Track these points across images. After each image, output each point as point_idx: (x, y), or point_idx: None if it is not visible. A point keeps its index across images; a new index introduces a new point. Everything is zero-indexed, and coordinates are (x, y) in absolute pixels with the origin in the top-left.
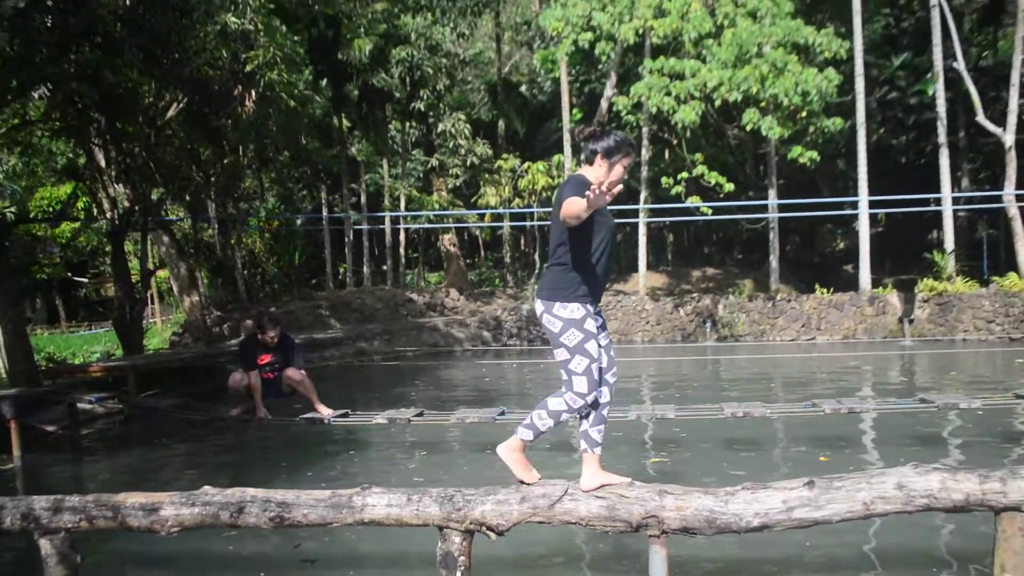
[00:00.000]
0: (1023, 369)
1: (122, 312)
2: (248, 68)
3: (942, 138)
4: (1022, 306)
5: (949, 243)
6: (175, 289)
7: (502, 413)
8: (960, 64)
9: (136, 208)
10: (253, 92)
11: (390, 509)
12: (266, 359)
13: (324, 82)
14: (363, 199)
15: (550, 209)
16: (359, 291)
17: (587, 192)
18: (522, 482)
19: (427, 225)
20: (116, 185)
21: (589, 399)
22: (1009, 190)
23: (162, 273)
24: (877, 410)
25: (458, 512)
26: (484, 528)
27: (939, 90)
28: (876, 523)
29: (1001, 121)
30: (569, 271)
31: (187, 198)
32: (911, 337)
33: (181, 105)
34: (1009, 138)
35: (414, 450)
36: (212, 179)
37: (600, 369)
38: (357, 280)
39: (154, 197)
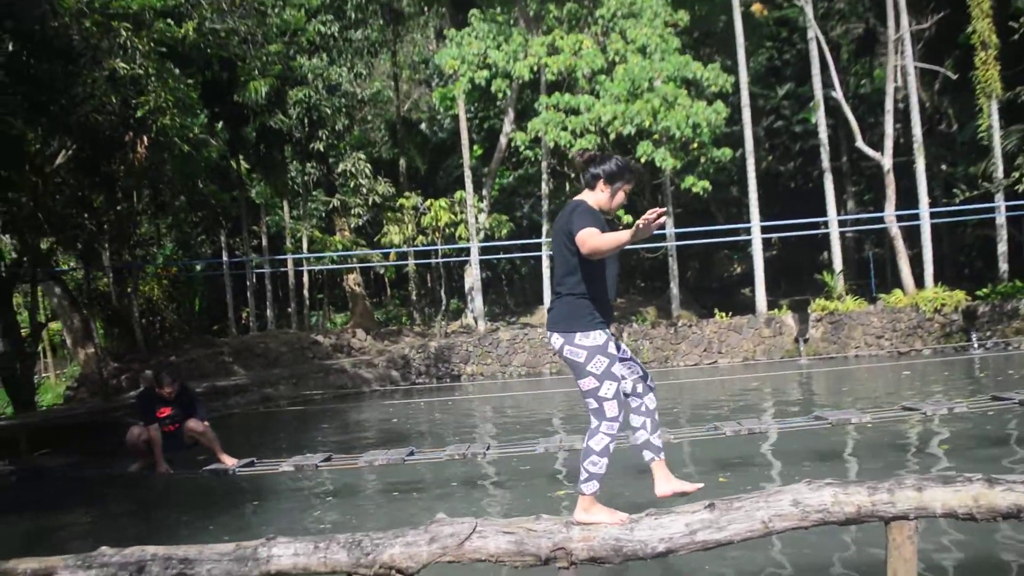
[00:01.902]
0: (910, 381)
1: (11, 368)
2: (139, 113)
3: (826, 163)
4: (908, 321)
5: (837, 263)
6: (68, 341)
7: (411, 453)
8: (838, 93)
9: (24, 259)
10: (145, 137)
11: (297, 559)
12: (166, 412)
13: (220, 125)
14: (264, 241)
15: (454, 246)
16: (263, 335)
17: (639, 223)
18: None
19: (331, 266)
20: (2, 236)
21: (621, 419)
22: (890, 211)
23: (54, 325)
24: (775, 429)
25: (367, 557)
26: (393, 572)
27: (820, 118)
28: (781, 540)
29: (880, 146)
30: (583, 299)
31: (79, 247)
32: (807, 356)
33: (70, 152)
34: (887, 162)
35: (323, 496)
36: (105, 226)
37: (640, 379)
38: (261, 324)
39: (44, 247)
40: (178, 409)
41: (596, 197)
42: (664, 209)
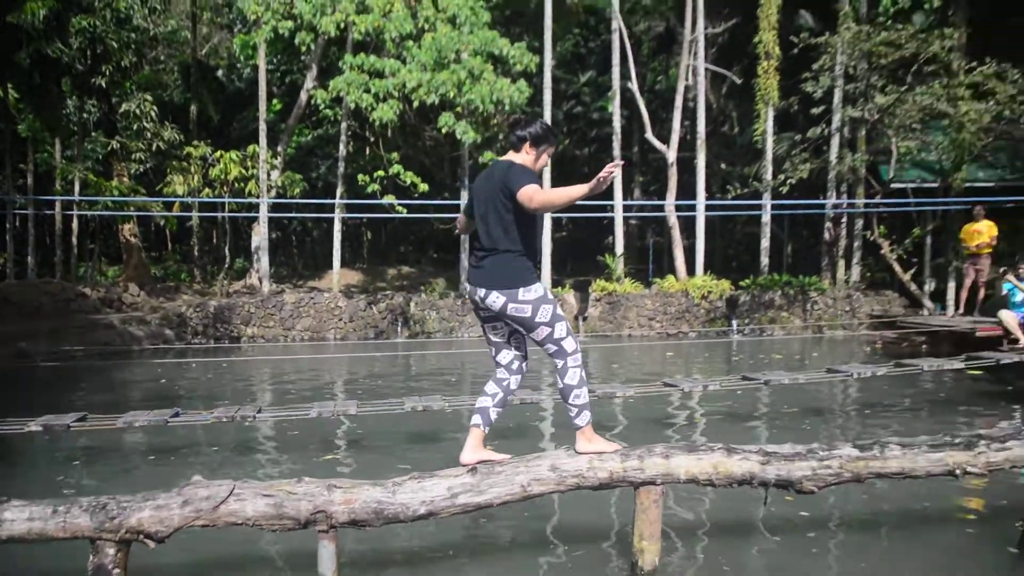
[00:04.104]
0: (674, 361)
1: None
2: None
3: (617, 151)
4: (678, 305)
5: (620, 247)
6: None
7: (176, 415)
8: (635, 85)
9: None
10: None
11: (32, 523)
12: None
13: None
14: (30, 181)
15: (242, 200)
16: (21, 284)
17: (598, 176)
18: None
19: (105, 212)
20: None
21: (579, 347)
22: (670, 201)
23: None
24: (551, 399)
25: (112, 521)
26: (142, 537)
27: (616, 108)
28: (543, 504)
29: (667, 140)
30: (519, 256)
31: None
32: (585, 333)
33: None
34: (672, 155)
35: (76, 460)
36: None
37: (521, 358)
38: (20, 272)
39: None
40: None
41: (522, 159)
42: (622, 162)
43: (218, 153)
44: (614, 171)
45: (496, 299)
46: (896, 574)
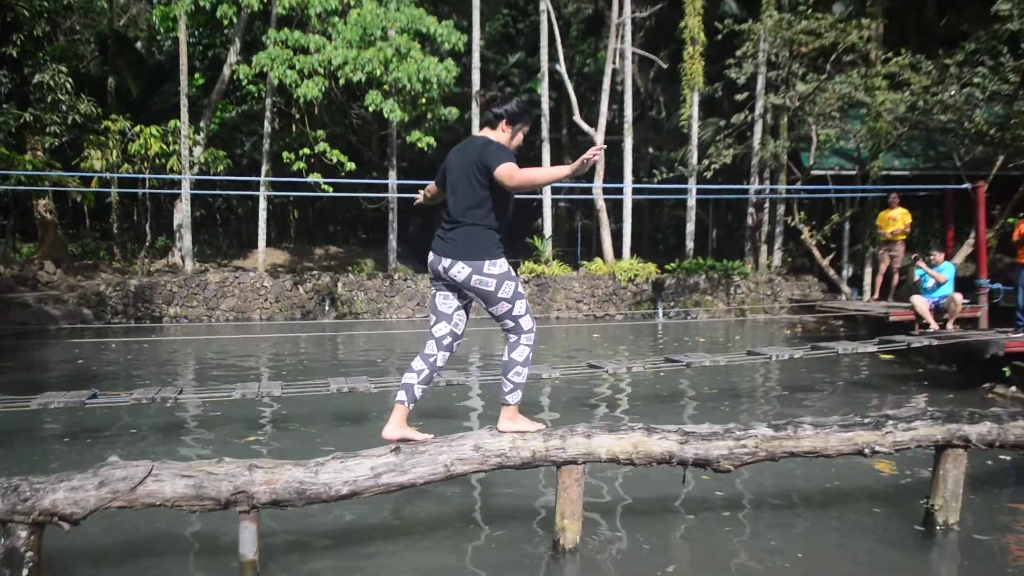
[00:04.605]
0: (600, 343)
1: None
2: None
3: (545, 134)
4: (605, 288)
5: (548, 230)
6: None
7: (94, 396)
8: (562, 68)
9: None
10: None
11: None
12: None
13: None
14: None
15: (163, 176)
16: None
17: (581, 159)
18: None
19: (18, 187)
20: None
21: (535, 328)
22: (598, 184)
23: None
24: (476, 381)
25: (24, 503)
26: (56, 519)
27: (544, 90)
28: (468, 482)
29: (595, 122)
30: (487, 230)
31: None
32: None
33: None
34: (599, 138)
35: None
36: None
37: (455, 335)
38: None
39: None
40: None
41: (498, 136)
42: (603, 147)
43: (138, 128)
44: (598, 154)
45: (461, 270)
46: (806, 551)
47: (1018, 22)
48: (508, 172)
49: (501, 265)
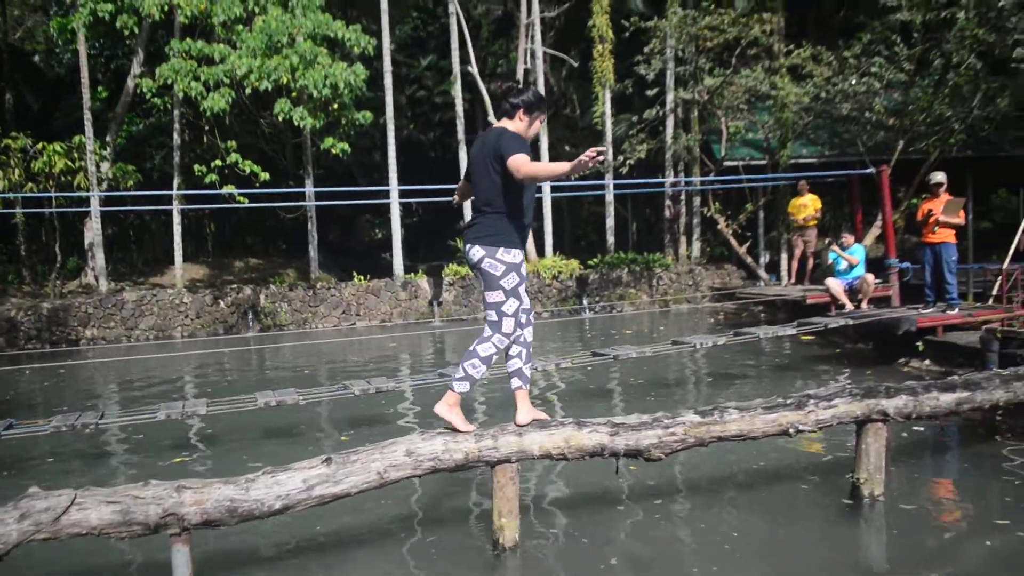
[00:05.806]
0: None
1: None
2: None
3: (461, 135)
4: (530, 286)
5: None
6: None
7: (10, 427)
8: (475, 69)
9: None
10: None
11: None
12: None
13: None
14: None
15: (71, 194)
16: None
17: (580, 158)
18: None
19: None
20: None
21: (511, 339)
22: None
23: None
24: (406, 387)
25: None
26: None
27: (458, 92)
28: (406, 487)
29: None
30: (508, 218)
31: None
32: (439, 318)
33: None
34: None
35: None
36: None
37: (525, 311)
38: None
39: None
40: None
41: (515, 126)
42: (603, 148)
43: (40, 144)
44: (600, 157)
45: (477, 252)
46: (739, 532)
47: (907, 12)
48: (517, 163)
49: (515, 256)
